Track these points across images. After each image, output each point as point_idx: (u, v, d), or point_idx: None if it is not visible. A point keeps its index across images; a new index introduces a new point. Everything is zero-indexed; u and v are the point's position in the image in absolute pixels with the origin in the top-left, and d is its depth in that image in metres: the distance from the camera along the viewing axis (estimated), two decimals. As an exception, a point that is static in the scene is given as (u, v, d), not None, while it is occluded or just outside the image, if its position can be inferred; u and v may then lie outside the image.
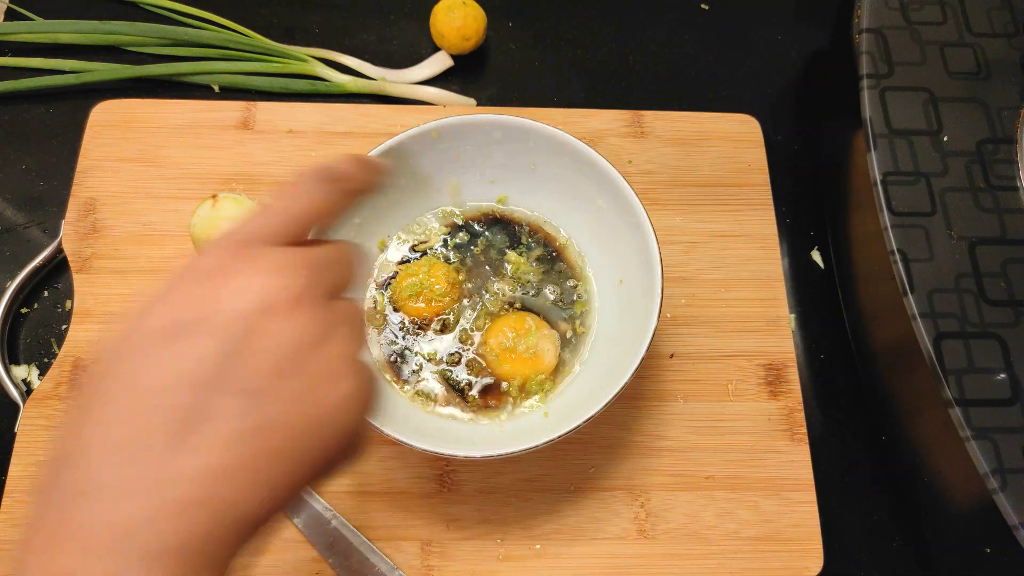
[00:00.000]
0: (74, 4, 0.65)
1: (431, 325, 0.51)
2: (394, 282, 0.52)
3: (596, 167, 0.49)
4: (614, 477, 0.51)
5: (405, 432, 0.43)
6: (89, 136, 0.58)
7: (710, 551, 0.49)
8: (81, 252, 0.55)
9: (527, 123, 0.50)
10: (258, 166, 0.58)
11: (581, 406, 0.45)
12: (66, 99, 0.62)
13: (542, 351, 0.50)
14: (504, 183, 0.54)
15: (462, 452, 0.43)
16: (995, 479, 0.41)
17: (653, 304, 0.45)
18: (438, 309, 0.51)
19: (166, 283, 0.26)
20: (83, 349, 0.52)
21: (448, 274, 0.52)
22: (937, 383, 0.44)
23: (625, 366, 0.44)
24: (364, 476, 0.50)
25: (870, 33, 0.53)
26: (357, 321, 0.29)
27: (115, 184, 0.57)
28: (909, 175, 0.49)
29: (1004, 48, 0.52)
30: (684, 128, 0.61)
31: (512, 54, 0.66)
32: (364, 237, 0.52)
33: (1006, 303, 0.45)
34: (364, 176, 0.32)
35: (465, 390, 0.49)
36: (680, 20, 0.69)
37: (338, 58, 0.64)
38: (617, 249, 0.51)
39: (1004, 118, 0.50)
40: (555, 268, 0.53)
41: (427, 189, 0.53)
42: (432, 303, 0.51)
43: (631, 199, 0.48)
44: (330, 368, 0.26)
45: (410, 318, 0.51)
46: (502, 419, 0.49)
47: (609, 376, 0.46)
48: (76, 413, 0.24)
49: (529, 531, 0.49)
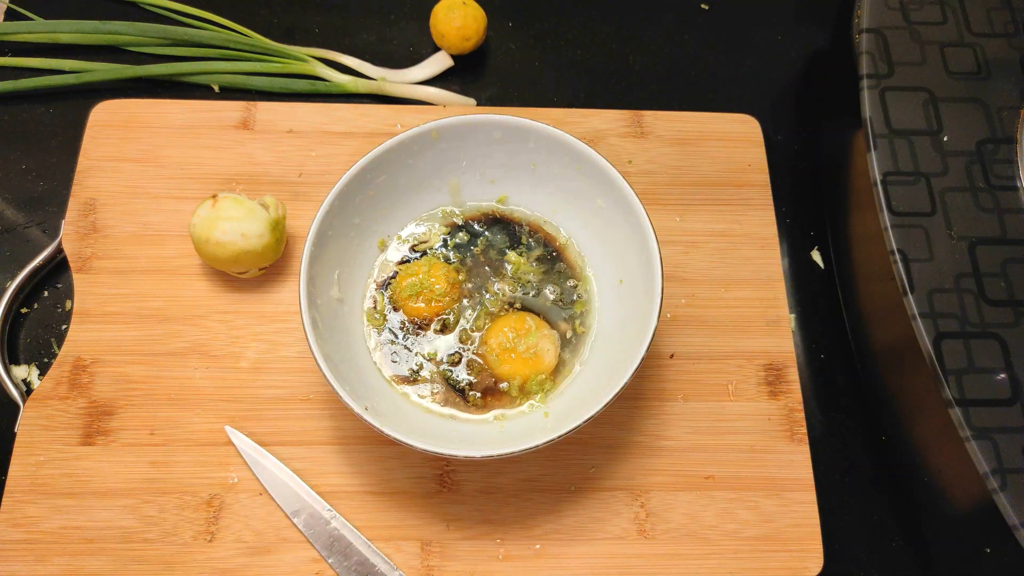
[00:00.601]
0: (74, 4, 0.66)
1: (431, 325, 0.52)
2: (394, 282, 0.53)
3: (596, 167, 0.50)
4: (614, 477, 0.51)
5: (405, 432, 0.43)
6: (89, 136, 0.59)
7: (710, 551, 0.49)
8: (81, 252, 0.55)
9: (527, 123, 0.50)
10: (258, 166, 0.59)
11: (581, 406, 0.45)
12: (66, 99, 0.63)
13: (542, 351, 0.50)
14: (504, 183, 0.54)
15: (462, 452, 0.43)
16: (995, 479, 0.41)
17: (653, 304, 0.46)
18: (438, 309, 0.52)
19: None
20: (83, 349, 0.52)
21: (448, 274, 0.52)
22: (937, 383, 0.44)
23: (625, 366, 0.45)
24: (364, 476, 0.50)
25: (870, 33, 0.53)
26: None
27: (115, 184, 0.58)
28: (909, 175, 0.49)
29: (1004, 48, 0.52)
30: (684, 128, 0.62)
31: (512, 54, 0.67)
32: (363, 237, 0.52)
33: (1006, 303, 0.46)
34: None
35: (465, 390, 0.50)
36: (680, 20, 0.69)
37: (338, 58, 0.64)
38: (617, 249, 0.51)
39: (1004, 118, 0.50)
40: (555, 268, 0.54)
41: (427, 189, 0.54)
42: (432, 303, 0.51)
43: (631, 199, 0.48)
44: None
45: (410, 318, 0.52)
46: (502, 419, 0.49)
47: (609, 376, 0.46)
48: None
49: (529, 531, 0.49)
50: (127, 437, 0.50)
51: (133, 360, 0.52)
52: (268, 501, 0.49)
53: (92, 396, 0.51)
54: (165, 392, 0.52)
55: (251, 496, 0.49)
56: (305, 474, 0.50)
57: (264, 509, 0.49)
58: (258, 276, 0.55)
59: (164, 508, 0.49)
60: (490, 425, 0.49)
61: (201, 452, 0.50)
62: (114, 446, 0.50)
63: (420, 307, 0.51)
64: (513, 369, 0.50)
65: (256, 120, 0.60)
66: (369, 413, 0.43)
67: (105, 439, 0.50)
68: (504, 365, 0.50)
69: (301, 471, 0.50)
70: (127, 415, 0.51)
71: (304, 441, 0.51)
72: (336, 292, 0.50)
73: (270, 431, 0.51)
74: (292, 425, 0.51)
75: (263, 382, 0.52)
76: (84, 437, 0.50)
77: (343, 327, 0.50)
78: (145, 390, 0.52)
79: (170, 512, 0.49)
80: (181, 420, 0.51)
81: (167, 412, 0.51)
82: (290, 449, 0.51)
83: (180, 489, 0.49)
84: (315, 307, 0.46)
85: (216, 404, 0.52)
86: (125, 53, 0.65)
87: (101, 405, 0.51)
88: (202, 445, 0.50)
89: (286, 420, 0.51)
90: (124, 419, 0.51)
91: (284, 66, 0.63)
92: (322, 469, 0.50)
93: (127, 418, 0.51)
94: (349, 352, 0.49)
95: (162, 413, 0.51)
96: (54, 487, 0.49)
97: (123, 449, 0.50)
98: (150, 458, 0.50)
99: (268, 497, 0.49)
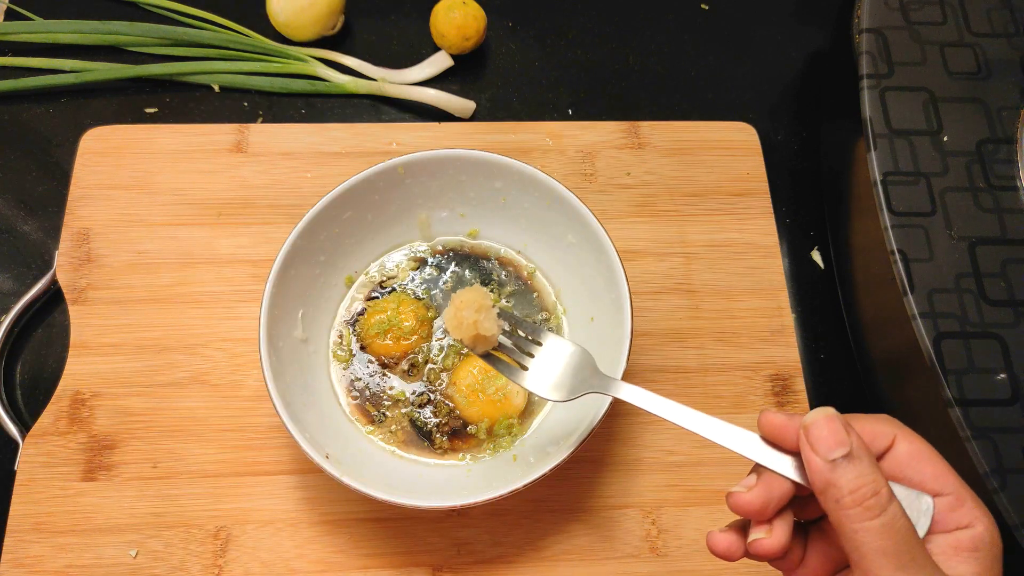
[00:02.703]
0: (74, 4, 0.67)
1: (399, 364, 0.52)
2: (362, 319, 0.53)
3: (566, 203, 0.50)
4: (624, 495, 0.52)
5: (367, 481, 0.43)
6: (80, 164, 0.60)
7: (723, 566, 0.50)
8: (76, 283, 0.56)
9: (494, 159, 0.51)
10: (253, 189, 0.60)
11: (552, 445, 0.46)
12: (66, 99, 0.64)
13: (511, 392, 0.50)
14: (474, 218, 0.55)
15: (423, 503, 0.43)
16: (995, 479, 0.42)
17: (620, 353, 0.46)
18: (407, 348, 0.52)
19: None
20: (82, 382, 0.53)
21: (417, 310, 0.52)
22: (937, 383, 0.45)
23: (594, 408, 0.45)
24: (373, 502, 0.51)
25: (870, 33, 0.54)
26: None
27: (108, 212, 0.59)
28: (909, 175, 0.50)
29: (1004, 48, 0.53)
30: (681, 138, 0.63)
31: (512, 54, 0.68)
32: (329, 274, 0.53)
33: (1006, 303, 0.47)
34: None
35: (432, 432, 0.51)
36: (680, 20, 0.71)
37: (338, 58, 0.66)
38: (588, 286, 0.52)
39: (1004, 118, 0.51)
40: (528, 303, 0.54)
41: (396, 224, 0.54)
42: (400, 340, 0.52)
43: (602, 238, 0.49)
44: None
45: (378, 356, 0.52)
46: (469, 463, 0.50)
47: (579, 419, 0.46)
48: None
49: (540, 552, 0.50)
50: (129, 471, 0.51)
51: (133, 392, 0.53)
52: (275, 532, 0.50)
53: (92, 430, 0.52)
54: (167, 423, 0.53)
55: (258, 527, 0.50)
56: (313, 502, 0.51)
57: (272, 540, 0.50)
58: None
59: (170, 542, 0.50)
60: (458, 468, 0.50)
61: (205, 484, 0.51)
62: (116, 480, 0.51)
63: (388, 344, 0.52)
64: (482, 411, 0.50)
65: (249, 143, 0.61)
66: (330, 461, 0.44)
67: (107, 474, 0.51)
68: (473, 407, 0.50)
69: (308, 499, 0.51)
70: (129, 448, 0.52)
71: (311, 469, 0.52)
72: (300, 332, 0.51)
73: (275, 459, 0.52)
74: (297, 453, 0.52)
75: (266, 410, 0.53)
76: (86, 472, 0.51)
77: (307, 367, 0.50)
78: (146, 422, 0.53)
79: (176, 546, 0.50)
80: (184, 452, 0.52)
81: (169, 444, 0.52)
82: (296, 477, 0.52)
83: (185, 522, 0.50)
84: (276, 350, 0.47)
85: (219, 434, 0.53)
86: (125, 53, 0.66)
87: (102, 439, 0.52)
88: (206, 476, 0.51)
89: (292, 448, 0.52)
90: (126, 452, 0.52)
91: (284, 66, 0.64)
92: (330, 496, 0.51)
93: (129, 451, 0.52)
94: (313, 395, 0.50)
95: (164, 445, 0.52)
96: (57, 525, 0.50)
97: (126, 484, 0.51)
98: (154, 491, 0.51)
99: (276, 527, 0.50)
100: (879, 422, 0.34)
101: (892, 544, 0.30)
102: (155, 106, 0.64)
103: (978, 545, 0.32)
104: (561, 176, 0.58)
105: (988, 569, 0.31)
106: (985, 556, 0.31)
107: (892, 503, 0.30)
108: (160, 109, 0.64)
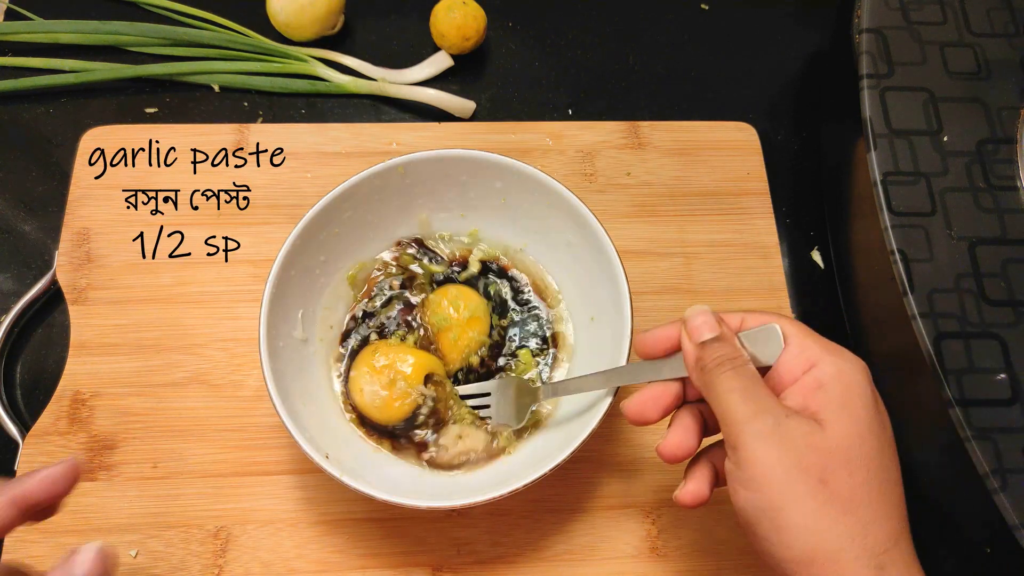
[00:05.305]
0: (74, 4, 0.68)
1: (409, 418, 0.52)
2: (352, 378, 0.52)
3: (566, 203, 0.51)
4: (624, 495, 0.53)
5: (367, 482, 0.44)
6: (79, 164, 0.61)
7: (722, 566, 0.51)
8: (76, 283, 0.58)
9: (495, 158, 0.52)
10: (253, 189, 0.61)
11: (552, 445, 0.48)
12: (66, 99, 0.66)
13: (480, 313, 0.53)
14: (475, 218, 0.56)
15: (424, 503, 0.44)
16: (995, 479, 0.43)
17: (620, 353, 0.47)
18: (410, 408, 0.51)
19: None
20: (82, 382, 0.55)
21: (420, 363, 0.52)
22: (937, 383, 0.46)
23: (590, 414, 0.46)
24: (372, 502, 0.52)
25: (870, 33, 0.55)
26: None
27: (108, 212, 0.60)
28: (909, 175, 0.51)
29: (1004, 48, 0.54)
30: (682, 138, 0.64)
31: (512, 54, 0.70)
32: (330, 274, 0.54)
33: (1006, 303, 0.47)
34: (47, 497, 0.37)
35: (429, 445, 0.52)
36: (680, 20, 0.72)
37: (338, 58, 0.67)
38: (588, 286, 0.53)
39: (1004, 118, 0.52)
40: (527, 303, 0.56)
41: (396, 224, 0.56)
42: (403, 404, 0.51)
43: (602, 238, 0.50)
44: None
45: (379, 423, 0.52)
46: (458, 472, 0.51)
47: (579, 419, 0.48)
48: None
49: (540, 552, 0.51)
50: (130, 471, 0.53)
51: (133, 392, 0.55)
52: (275, 532, 0.52)
53: (92, 430, 0.53)
54: (167, 423, 0.54)
55: (258, 527, 0.52)
56: (312, 502, 0.52)
57: (272, 540, 0.51)
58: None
59: (170, 542, 0.51)
60: (444, 477, 0.51)
61: (206, 484, 0.52)
62: (117, 480, 0.52)
63: (392, 414, 0.51)
64: (458, 335, 0.52)
65: (249, 143, 0.63)
66: (330, 462, 0.45)
67: (107, 474, 0.52)
68: (448, 333, 0.52)
69: (308, 499, 0.53)
70: (129, 448, 0.53)
71: (311, 469, 0.52)
72: (300, 332, 0.52)
73: (275, 459, 0.53)
74: (297, 453, 0.52)
75: (266, 410, 0.54)
76: (86, 472, 0.52)
77: (307, 367, 0.51)
78: (146, 422, 0.54)
79: (176, 546, 0.51)
80: (184, 452, 0.53)
81: (169, 444, 0.53)
82: (296, 477, 0.53)
83: (185, 522, 0.51)
84: (276, 350, 0.48)
85: (219, 434, 0.54)
86: (125, 53, 0.67)
87: (102, 439, 0.53)
88: (206, 476, 0.53)
89: (291, 448, 0.53)
90: (126, 453, 0.53)
91: (284, 66, 0.66)
92: (329, 496, 0.52)
93: (129, 451, 0.53)
94: (313, 395, 0.51)
95: (164, 445, 0.53)
96: (57, 525, 0.50)
97: (126, 484, 0.52)
98: (154, 491, 0.52)
99: (275, 527, 0.52)
100: (763, 315, 0.41)
101: (740, 383, 0.38)
102: (155, 106, 0.66)
103: (822, 382, 0.38)
104: (561, 176, 0.59)
105: (835, 400, 0.37)
106: (832, 389, 0.38)
107: (747, 363, 0.39)
108: (160, 109, 0.66)
